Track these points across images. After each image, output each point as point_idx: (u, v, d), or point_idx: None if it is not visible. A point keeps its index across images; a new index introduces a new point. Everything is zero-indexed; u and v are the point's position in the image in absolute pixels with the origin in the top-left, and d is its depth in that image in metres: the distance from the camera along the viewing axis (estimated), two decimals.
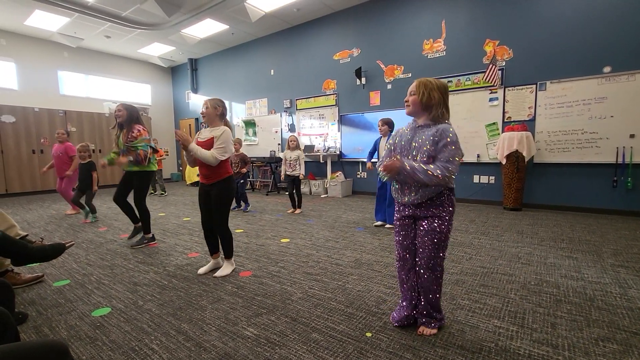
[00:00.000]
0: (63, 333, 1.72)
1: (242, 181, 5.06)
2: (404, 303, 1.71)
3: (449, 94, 1.59)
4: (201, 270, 2.53)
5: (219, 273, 2.47)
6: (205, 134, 2.43)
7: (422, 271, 1.59)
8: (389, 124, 3.70)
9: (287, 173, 4.74)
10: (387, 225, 3.81)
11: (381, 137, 3.81)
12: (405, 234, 1.65)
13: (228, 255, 2.53)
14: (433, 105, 1.53)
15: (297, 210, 4.77)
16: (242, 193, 5.06)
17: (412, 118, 1.64)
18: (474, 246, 3.03)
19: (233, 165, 4.95)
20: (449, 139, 1.46)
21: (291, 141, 4.76)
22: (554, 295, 2.01)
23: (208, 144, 2.35)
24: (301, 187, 4.97)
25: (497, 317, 1.77)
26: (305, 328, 1.70)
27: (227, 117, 2.57)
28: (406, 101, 1.61)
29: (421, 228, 1.57)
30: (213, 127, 2.42)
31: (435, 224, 1.54)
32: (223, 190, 2.39)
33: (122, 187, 3.29)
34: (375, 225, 3.87)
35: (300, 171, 4.67)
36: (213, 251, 2.59)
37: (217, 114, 2.41)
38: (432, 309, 1.62)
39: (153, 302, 2.04)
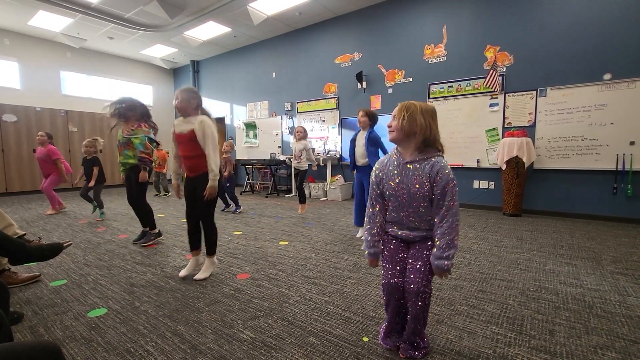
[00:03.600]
0: (58, 333, 1.71)
1: (228, 184, 5.06)
2: (392, 327, 1.55)
3: (436, 119, 1.39)
4: (183, 273, 2.43)
5: (198, 276, 2.38)
6: (182, 126, 2.33)
7: (412, 300, 1.39)
8: (370, 117, 3.32)
9: (294, 165, 4.71)
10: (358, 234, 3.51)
11: (360, 130, 3.44)
12: (396, 261, 1.45)
13: (210, 251, 2.45)
14: (417, 133, 1.34)
15: (300, 209, 4.62)
16: (232, 195, 5.08)
17: (396, 147, 1.45)
18: (473, 251, 3.02)
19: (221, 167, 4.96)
20: (448, 184, 1.31)
21: (297, 132, 4.68)
22: (552, 302, 2.00)
23: (189, 137, 2.28)
24: (304, 183, 4.74)
25: (495, 324, 1.75)
26: (302, 332, 1.69)
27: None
28: (389, 126, 1.42)
29: (413, 254, 1.42)
30: (188, 118, 2.33)
31: (429, 250, 1.39)
32: (207, 183, 2.33)
33: (128, 187, 3.29)
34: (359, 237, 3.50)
35: (309, 162, 4.55)
36: (194, 246, 2.52)
37: (192, 107, 2.33)
38: (419, 338, 1.49)
39: (149, 303, 2.03)
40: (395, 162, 1.42)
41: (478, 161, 5.16)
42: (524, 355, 1.48)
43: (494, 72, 4.80)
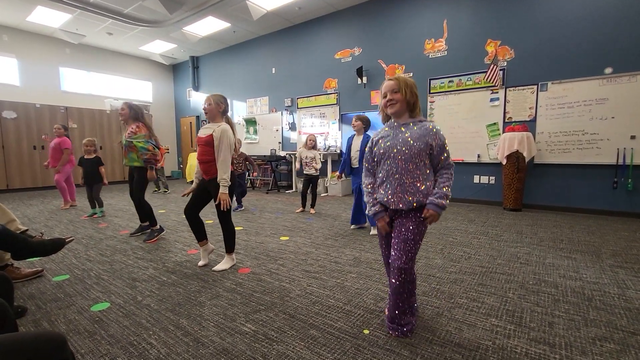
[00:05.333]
0: (62, 327, 1.72)
1: (243, 180, 5.13)
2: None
3: None
4: (201, 263, 2.59)
5: (217, 267, 2.50)
6: (204, 130, 2.45)
7: (394, 275, 1.54)
8: (363, 121, 3.49)
9: (305, 172, 4.74)
10: (372, 232, 3.52)
11: (354, 135, 3.61)
12: (387, 238, 1.68)
13: (230, 249, 2.56)
14: (414, 103, 1.54)
15: (312, 210, 4.70)
16: (243, 191, 5.10)
17: (390, 120, 1.62)
18: (473, 246, 3.03)
19: (235, 164, 4.96)
20: (445, 144, 1.52)
21: (310, 140, 4.78)
22: (552, 295, 2.01)
23: (206, 141, 2.38)
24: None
25: (494, 316, 1.77)
26: (303, 325, 1.71)
27: (229, 115, 2.59)
28: (390, 100, 1.53)
29: (396, 232, 1.56)
30: (213, 124, 2.45)
31: (411, 228, 1.51)
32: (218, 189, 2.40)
33: (131, 183, 3.41)
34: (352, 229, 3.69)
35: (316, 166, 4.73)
36: (200, 238, 2.56)
37: (219, 110, 2.45)
38: (400, 315, 1.57)
39: (152, 297, 2.05)
40: (388, 128, 1.61)
41: (478, 156, 5.15)
42: (523, 346, 1.50)
43: (495, 66, 4.77)
